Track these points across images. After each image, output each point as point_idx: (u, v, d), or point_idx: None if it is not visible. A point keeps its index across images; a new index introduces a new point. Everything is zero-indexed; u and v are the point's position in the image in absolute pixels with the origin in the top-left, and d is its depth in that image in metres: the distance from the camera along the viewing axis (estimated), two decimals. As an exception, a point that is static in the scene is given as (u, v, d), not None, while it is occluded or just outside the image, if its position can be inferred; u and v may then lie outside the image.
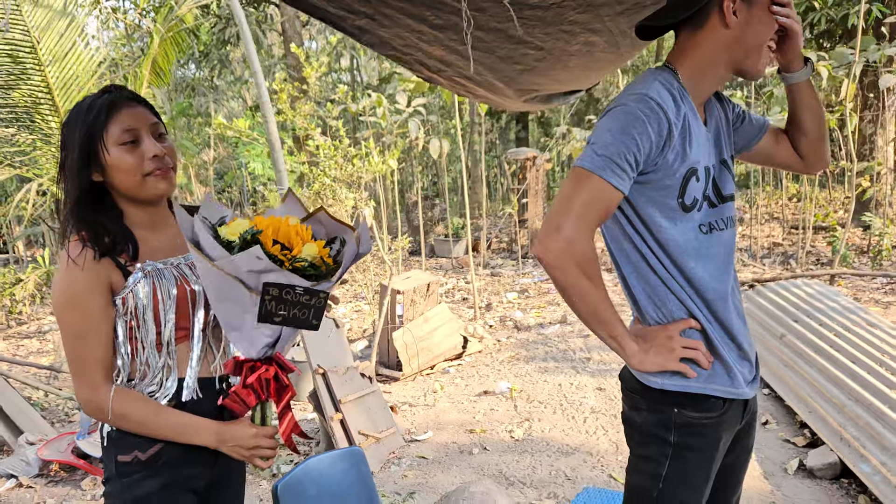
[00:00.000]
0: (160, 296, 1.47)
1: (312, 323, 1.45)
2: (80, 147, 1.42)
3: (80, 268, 1.40)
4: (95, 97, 1.46)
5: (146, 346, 1.47)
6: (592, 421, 4.15)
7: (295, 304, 1.40)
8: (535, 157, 10.87)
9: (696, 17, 1.50)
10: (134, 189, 1.47)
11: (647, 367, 1.51)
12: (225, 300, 1.44)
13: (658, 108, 1.42)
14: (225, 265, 1.38)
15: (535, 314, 6.95)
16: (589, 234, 1.41)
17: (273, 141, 3.89)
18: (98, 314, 1.43)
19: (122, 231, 1.47)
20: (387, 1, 1.65)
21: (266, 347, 1.48)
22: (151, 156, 1.46)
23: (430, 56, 2.12)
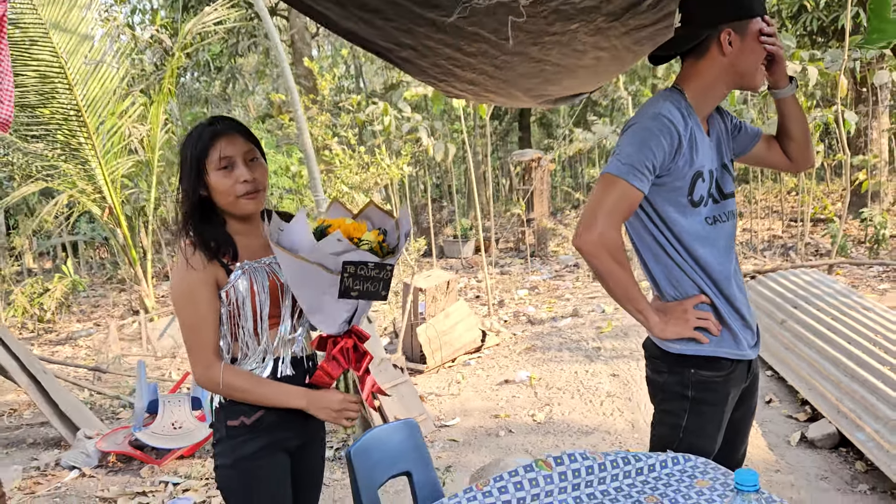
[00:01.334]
0: (256, 289, 1.78)
1: (382, 294, 1.78)
2: (190, 168, 1.75)
3: (194, 269, 1.71)
4: (205, 125, 1.78)
5: (245, 331, 1.79)
6: (609, 404, 4.47)
7: (368, 278, 1.73)
8: (540, 158, 11.19)
9: (699, 47, 1.83)
10: (228, 207, 1.79)
11: (668, 335, 1.84)
12: (305, 286, 1.76)
13: (670, 124, 1.75)
14: (310, 254, 1.68)
15: (546, 309, 7.28)
16: (618, 227, 1.75)
17: (307, 149, 4.20)
18: (208, 306, 1.74)
19: (224, 237, 1.79)
20: (429, 35, 1.97)
21: (344, 322, 1.81)
22: (242, 180, 1.76)
23: (461, 79, 2.45)
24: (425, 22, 1.84)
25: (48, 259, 17.88)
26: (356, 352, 1.85)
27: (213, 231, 1.78)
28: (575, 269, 9.67)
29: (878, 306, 4.84)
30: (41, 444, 4.76)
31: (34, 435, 4.96)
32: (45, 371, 4.74)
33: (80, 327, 9.29)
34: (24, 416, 5.57)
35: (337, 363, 1.85)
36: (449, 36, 1.98)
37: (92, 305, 11.22)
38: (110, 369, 5.92)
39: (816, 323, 4.69)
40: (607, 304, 6.96)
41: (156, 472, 4.11)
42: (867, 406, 3.64)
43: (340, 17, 1.84)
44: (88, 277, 14.53)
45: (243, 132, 1.82)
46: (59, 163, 7.42)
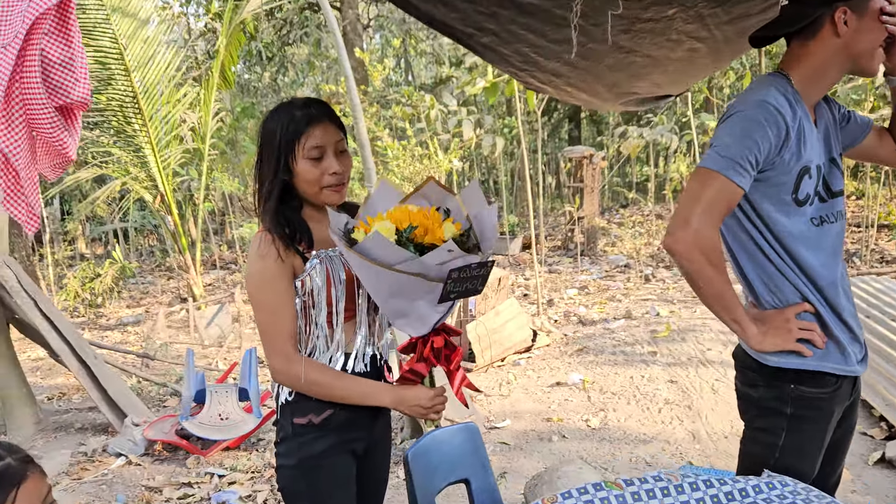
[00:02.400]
0: (332, 280, 1.67)
1: (479, 289, 1.67)
2: (278, 151, 1.63)
3: (272, 256, 1.61)
4: (298, 107, 1.65)
5: (318, 324, 1.68)
6: (667, 411, 4.27)
7: (469, 278, 1.60)
8: (592, 155, 10.94)
9: (809, 27, 1.63)
10: (311, 196, 1.68)
11: (766, 347, 1.65)
12: (396, 296, 1.63)
13: (776, 113, 1.57)
14: (411, 266, 1.56)
15: (598, 310, 7.07)
16: (714, 226, 1.57)
17: (362, 139, 4.10)
18: (286, 294, 1.64)
19: (301, 224, 1.68)
20: (513, 18, 1.82)
21: (436, 322, 1.68)
22: (331, 172, 1.65)
23: (543, 69, 2.29)
24: (511, 4, 1.70)
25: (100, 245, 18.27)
26: (447, 348, 1.73)
27: (291, 217, 1.68)
28: (626, 270, 9.42)
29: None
30: (89, 430, 4.76)
31: (82, 420, 4.97)
32: (95, 356, 4.74)
33: (130, 313, 9.40)
34: (73, 399, 5.60)
35: (426, 363, 1.73)
36: (535, 20, 1.84)
37: (141, 292, 11.37)
38: (157, 356, 5.93)
39: (892, 334, 4.41)
40: (662, 307, 6.72)
41: (201, 463, 4.06)
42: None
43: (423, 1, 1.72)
44: (138, 264, 14.78)
45: (336, 120, 1.71)
46: (113, 149, 7.48)
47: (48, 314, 4.66)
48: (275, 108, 1.70)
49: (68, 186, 10.35)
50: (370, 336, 1.78)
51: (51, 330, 4.63)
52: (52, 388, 5.99)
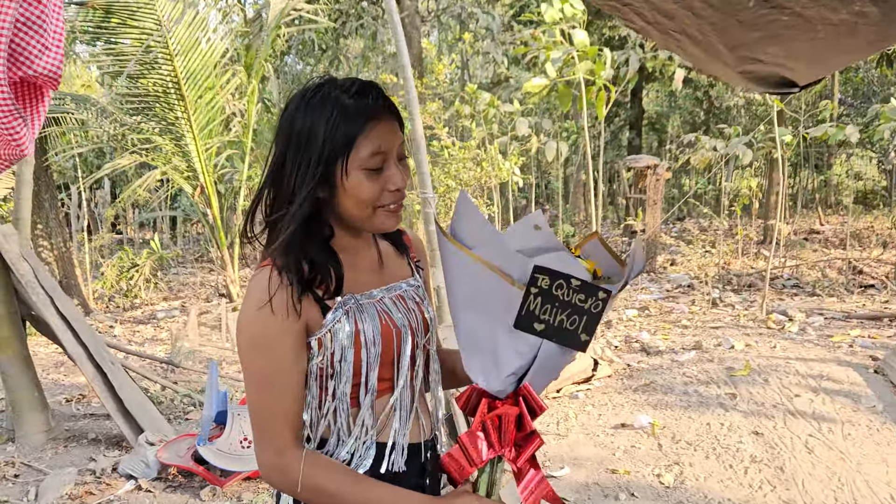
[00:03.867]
0: (363, 338, 1.16)
1: (581, 338, 1.12)
2: (320, 157, 1.11)
3: (280, 310, 1.11)
4: (348, 93, 1.13)
5: (340, 400, 1.17)
6: (754, 472, 3.65)
7: (565, 305, 1.09)
8: (656, 165, 10.27)
9: None
10: (359, 220, 1.18)
11: None
12: (472, 306, 1.16)
13: None
14: (490, 250, 1.12)
15: (662, 336, 6.44)
16: None
17: (417, 138, 3.60)
18: (291, 358, 1.14)
19: (329, 260, 1.17)
20: None
21: (513, 375, 1.15)
22: (394, 188, 1.15)
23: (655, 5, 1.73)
24: None
25: (149, 230, 18.26)
26: (520, 430, 1.18)
27: (319, 252, 1.17)
28: (689, 291, 8.74)
29: None
30: (102, 442, 4.36)
31: (97, 429, 4.57)
32: (113, 362, 4.33)
33: (166, 306, 9.10)
34: (93, 403, 5.23)
35: (486, 439, 1.17)
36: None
37: (181, 283, 11.12)
38: (183, 364, 5.53)
39: None
40: (736, 339, 6.06)
41: (217, 495, 3.60)
42: None
43: None
44: (181, 253, 14.61)
45: (397, 115, 1.20)
46: (154, 136, 7.15)
47: (65, 313, 4.27)
48: (309, 90, 1.16)
49: (115, 172, 10.12)
50: (413, 418, 1.26)
51: (66, 330, 4.24)
52: (74, 389, 5.64)
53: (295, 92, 1.19)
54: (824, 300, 7.97)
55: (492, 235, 1.14)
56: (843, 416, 4.27)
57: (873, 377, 4.94)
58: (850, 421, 4.19)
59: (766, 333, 6.36)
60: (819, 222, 14.74)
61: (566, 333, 1.11)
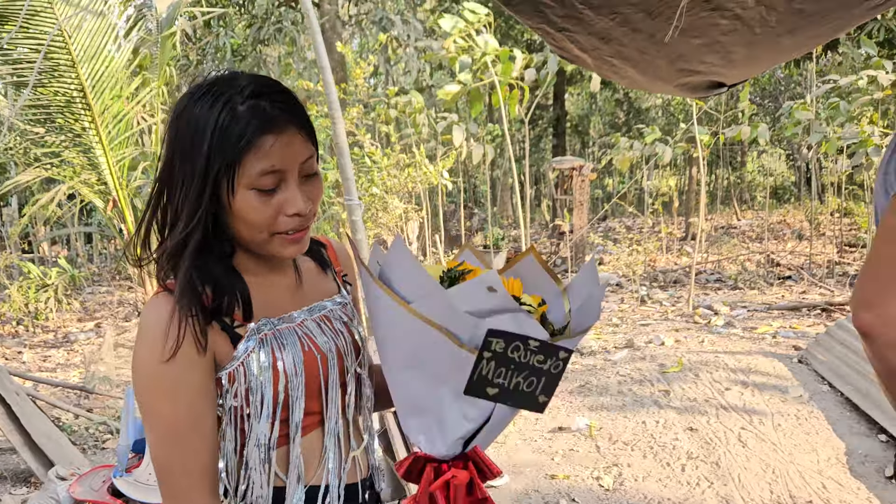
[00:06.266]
0: (282, 368, 1.02)
1: (539, 400, 1.01)
2: (206, 168, 0.95)
3: (176, 340, 0.95)
4: (241, 94, 0.95)
5: (261, 442, 1.03)
6: (691, 469, 3.66)
7: (522, 367, 0.98)
8: (581, 166, 10.40)
9: None
10: (254, 245, 1.02)
11: None
12: (412, 365, 1.03)
13: None
14: (432, 306, 0.97)
15: (595, 336, 6.47)
16: None
17: (341, 144, 3.46)
18: (201, 402, 0.98)
19: (233, 282, 1.02)
20: None
21: (459, 441, 1.03)
22: (292, 213, 0.99)
23: (590, 30, 1.68)
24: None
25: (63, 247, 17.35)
26: (470, 495, 1.05)
27: (219, 272, 1.01)
28: (618, 290, 8.86)
29: None
30: (8, 479, 4.02)
31: (2, 465, 4.22)
32: (18, 392, 4.01)
33: (80, 328, 8.60)
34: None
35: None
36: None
37: (97, 303, 10.56)
38: (98, 389, 5.19)
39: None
40: (666, 336, 6.14)
41: (137, 531, 3.35)
42: None
43: None
44: (98, 270, 13.94)
45: (305, 125, 1.01)
46: (60, 149, 6.72)
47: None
48: (201, 87, 0.98)
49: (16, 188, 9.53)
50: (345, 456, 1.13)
51: (-37, 362, 3.90)
52: (-24, 422, 5.22)
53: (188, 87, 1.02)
54: (746, 293, 8.21)
55: (434, 291, 1.01)
56: (772, 407, 4.35)
57: (797, 367, 5.07)
58: (779, 412, 4.27)
59: (694, 328, 6.48)
60: (736, 217, 15.28)
61: (523, 396, 1.01)
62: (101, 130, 6.48)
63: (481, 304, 0.99)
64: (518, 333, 0.98)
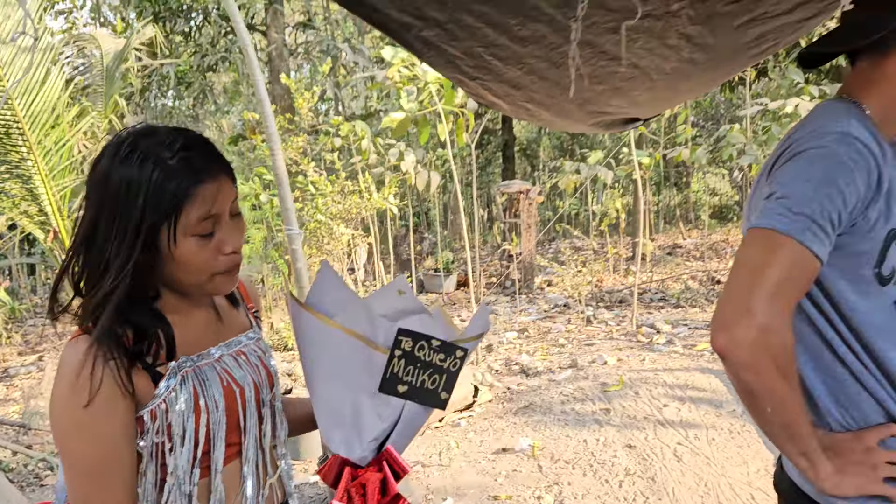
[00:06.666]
0: (203, 403, 1.08)
1: (441, 396, 1.19)
2: (140, 222, 1.01)
3: (104, 389, 0.99)
4: (170, 148, 1.02)
5: (183, 476, 1.07)
6: (629, 485, 3.77)
7: (426, 366, 1.16)
8: (528, 189, 10.60)
9: (882, 41, 1.17)
10: (192, 287, 1.09)
11: (845, 490, 1.15)
12: (332, 376, 1.16)
13: (866, 152, 1.09)
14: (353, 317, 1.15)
15: (541, 357, 6.59)
16: (788, 319, 1.06)
17: (279, 173, 3.52)
18: (122, 443, 1.02)
19: (157, 323, 1.07)
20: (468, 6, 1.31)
21: (375, 441, 1.16)
22: (230, 251, 1.07)
23: (500, 78, 1.79)
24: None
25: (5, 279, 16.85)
26: (384, 495, 1.16)
27: (144, 317, 1.06)
28: (566, 310, 9.02)
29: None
30: (-59, 521, 3.91)
31: (-65, 507, 4.10)
32: (-50, 431, 3.92)
33: (21, 361, 8.38)
34: (-69, 478, 4.69)
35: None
36: (496, 10, 1.32)
37: (39, 335, 10.30)
38: (38, 425, 5.09)
39: None
40: (609, 355, 6.29)
41: (76, 569, 3.30)
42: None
43: None
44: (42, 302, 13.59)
45: (229, 169, 1.10)
46: (0, 179, 6.60)
47: None
48: (124, 145, 1.03)
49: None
50: (264, 476, 1.20)
51: None
52: None
53: (106, 144, 1.07)
54: (688, 311, 8.44)
55: (354, 302, 1.16)
56: (707, 421, 4.51)
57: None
58: (713, 426, 4.42)
59: (637, 347, 6.65)
60: (682, 237, 15.69)
61: (428, 393, 1.17)
62: (40, 160, 6.39)
63: (393, 305, 1.17)
64: (423, 333, 1.15)
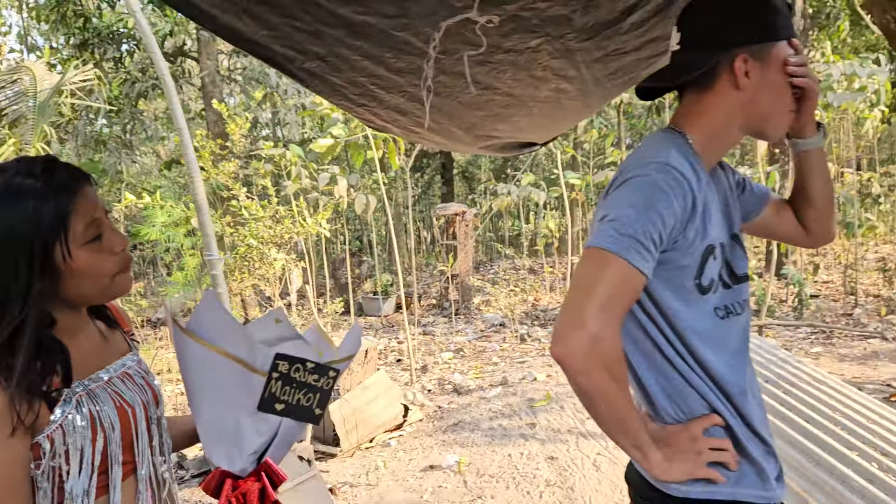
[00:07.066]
0: (99, 425, 1.14)
1: (315, 413, 1.29)
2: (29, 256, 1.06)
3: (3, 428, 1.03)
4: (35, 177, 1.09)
5: (78, 495, 1.12)
6: (549, 496, 3.91)
7: (301, 385, 1.26)
8: (464, 212, 10.79)
9: (704, 77, 1.35)
10: (95, 295, 1.16)
11: (674, 476, 1.30)
12: (213, 397, 1.25)
13: (682, 179, 1.25)
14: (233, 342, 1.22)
15: (474, 375, 6.72)
16: (616, 328, 1.21)
17: (198, 199, 3.58)
18: (16, 470, 1.06)
19: (54, 351, 1.12)
20: (343, 40, 1.44)
21: (254, 454, 1.25)
22: (120, 249, 1.15)
23: (385, 106, 1.93)
24: (336, 21, 1.30)
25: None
26: (263, 503, 1.25)
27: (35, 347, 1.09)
28: (501, 330, 9.19)
29: (829, 378, 4.51)
30: None
31: None
32: None
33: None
34: None
35: None
36: (371, 44, 1.45)
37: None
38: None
39: (769, 398, 4.29)
40: (539, 371, 6.47)
41: None
42: (841, 501, 3.22)
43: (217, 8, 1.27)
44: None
45: (90, 177, 1.18)
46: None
47: None
48: None
49: None
50: (158, 492, 1.27)
51: None
52: None
53: None
54: (618, 327, 8.71)
55: (235, 329, 1.24)
56: (626, 432, 4.69)
57: (653, 393, 5.47)
58: (631, 436, 4.61)
59: (566, 363, 6.84)
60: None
61: (303, 409, 1.27)
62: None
63: (271, 333, 1.26)
64: (298, 357, 1.25)
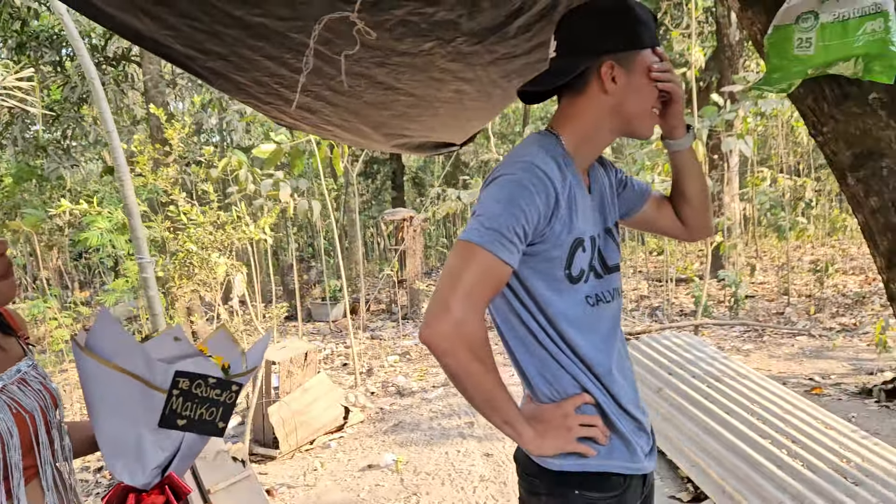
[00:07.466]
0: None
1: (219, 426, 1.30)
2: None
3: None
4: None
5: None
6: (482, 490, 4.01)
7: (203, 401, 1.26)
8: (412, 217, 10.88)
9: (576, 82, 1.46)
10: None
11: (546, 451, 1.41)
12: (113, 413, 1.24)
13: (545, 177, 1.36)
14: (131, 360, 1.21)
15: (417, 378, 6.80)
16: (479, 313, 1.32)
17: (130, 206, 3.59)
18: None
19: None
20: (244, 41, 1.51)
21: (157, 469, 1.26)
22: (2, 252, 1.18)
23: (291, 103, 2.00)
24: (234, 22, 1.37)
25: None
26: None
27: None
28: (448, 333, 9.30)
29: (752, 373, 4.72)
30: None
31: None
32: None
33: None
34: None
35: None
36: (270, 45, 1.52)
37: None
38: None
39: (693, 391, 4.49)
40: (480, 372, 6.57)
41: None
42: (752, 486, 3.39)
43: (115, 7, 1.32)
44: None
45: None
46: None
47: None
48: None
49: None
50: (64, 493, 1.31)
51: None
52: None
53: None
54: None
55: (132, 347, 1.24)
56: (560, 428, 4.82)
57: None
58: (565, 432, 4.74)
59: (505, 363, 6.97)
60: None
61: (206, 423, 1.29)
62: None
63: (170, 351, 1.28)
64: (199, 373, 1.27)
